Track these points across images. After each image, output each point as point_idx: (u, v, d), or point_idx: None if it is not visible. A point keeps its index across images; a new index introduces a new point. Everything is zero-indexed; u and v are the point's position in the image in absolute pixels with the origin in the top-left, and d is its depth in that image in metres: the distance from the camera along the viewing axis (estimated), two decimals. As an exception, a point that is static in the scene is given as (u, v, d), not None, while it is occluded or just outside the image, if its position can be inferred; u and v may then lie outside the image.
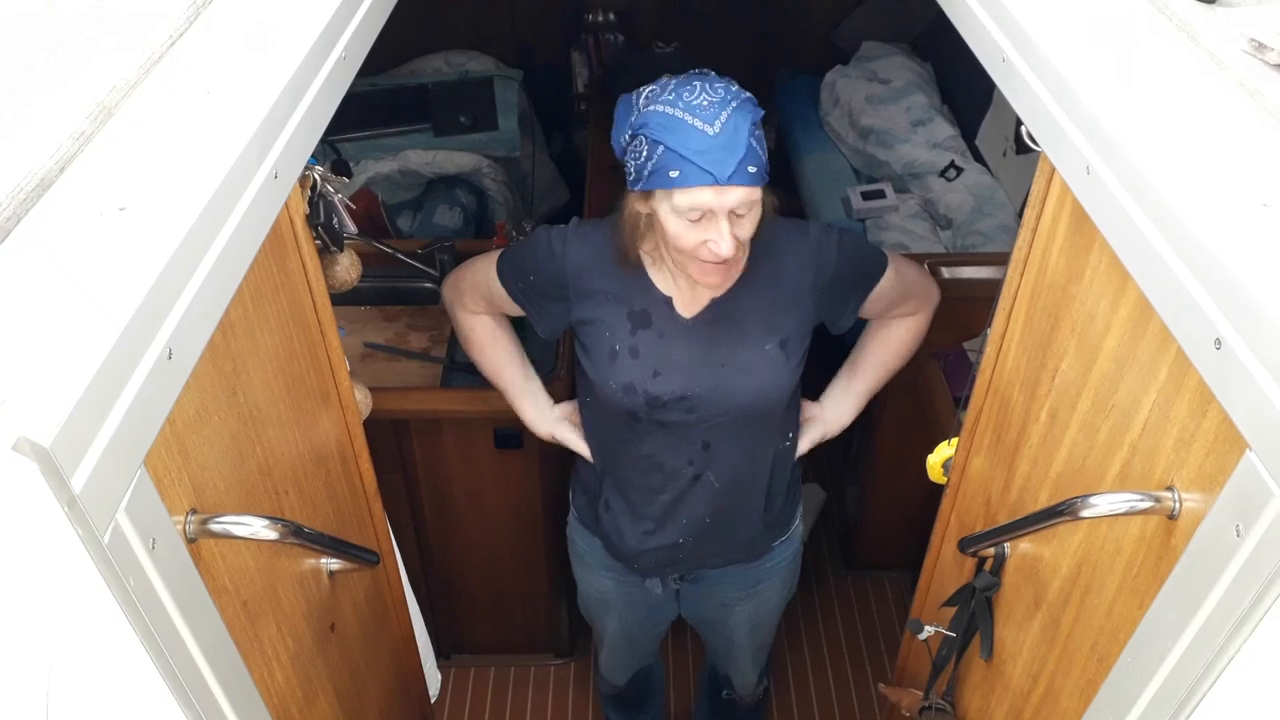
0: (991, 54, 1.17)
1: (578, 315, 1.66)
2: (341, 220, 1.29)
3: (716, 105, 1.39)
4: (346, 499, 1.44)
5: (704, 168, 1.37)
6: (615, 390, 1.64)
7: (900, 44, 3.65)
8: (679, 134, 1.38)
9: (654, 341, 1.62)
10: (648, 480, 1.74)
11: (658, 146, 1.40)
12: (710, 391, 1.63)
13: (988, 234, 2.87)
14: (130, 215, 0.80)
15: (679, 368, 1.62)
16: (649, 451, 1.70)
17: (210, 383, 0.94)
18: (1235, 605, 0.78)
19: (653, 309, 1.62)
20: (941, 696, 1.60)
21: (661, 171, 1.40)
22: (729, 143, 1.37)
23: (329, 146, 3.29)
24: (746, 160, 1.39)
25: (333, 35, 1.13)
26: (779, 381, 1.66)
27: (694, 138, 1.37)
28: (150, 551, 0.77)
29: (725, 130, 1.37)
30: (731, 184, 1.38)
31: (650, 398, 1.63)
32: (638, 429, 1.68)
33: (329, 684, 1.36)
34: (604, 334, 1.64)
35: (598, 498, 1.84)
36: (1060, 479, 1.18)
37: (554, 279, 1.65)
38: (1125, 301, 0.99)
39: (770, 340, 1.63)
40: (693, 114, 1.38)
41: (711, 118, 1.38)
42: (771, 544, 1.90)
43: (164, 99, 0.96)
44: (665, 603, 2.01)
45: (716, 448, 1.69)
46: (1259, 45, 0.96)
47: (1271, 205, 0.80)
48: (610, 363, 1.64)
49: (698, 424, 1.66)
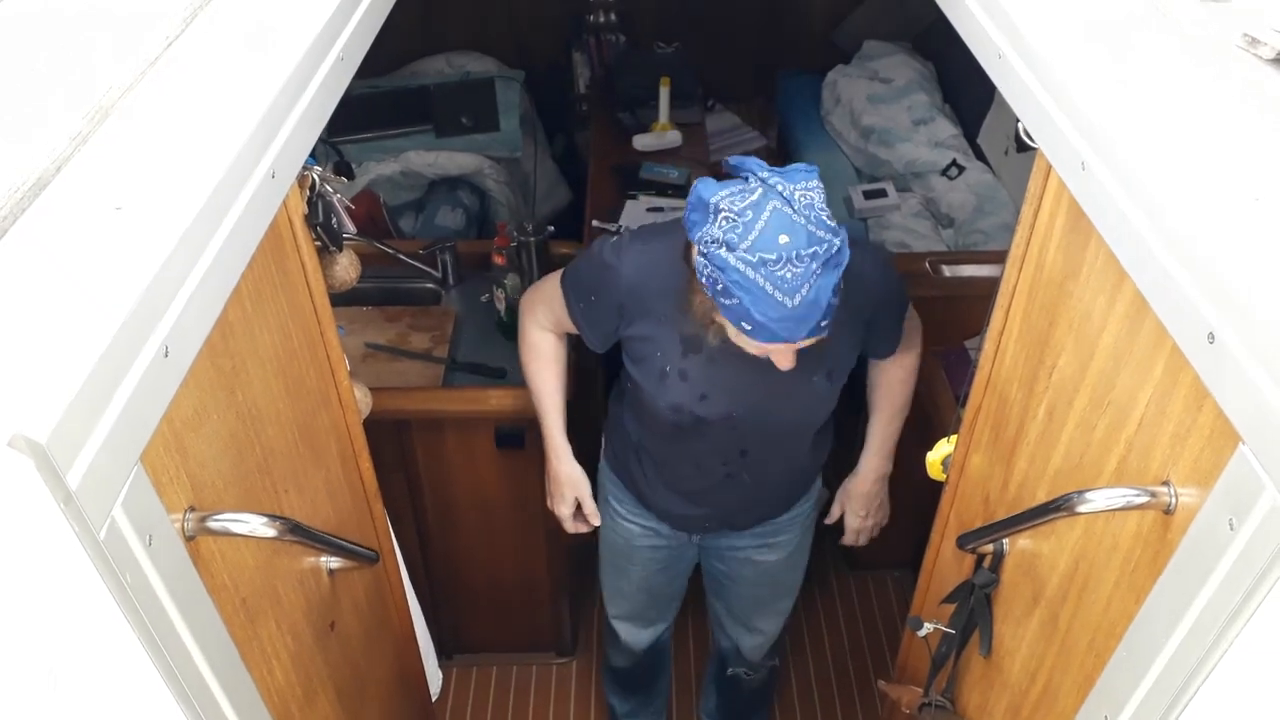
0: (987, 51, 1.18)
1: (631, 331, 1.67)
2: (340, 220, 1.29)
3: (799, 278, 1.33)
4: (346, 498, 1.45)
5: (777, 333, 1.37)
6: (663, 409, 1.69)
7: (901, 43, 3.65)
8: (758, 300, 1.34)
9: (703, 366, 1.64)
10: (681, 471, 1.84)
11: (733, 295, 1.36)
12: (752, 414, 1.69)
13: (989, 232, 2.87)
14: (127, 215, 0.80)
15: (725, 391, 1.66)
16: (688, 452, 1.79)
17: (209, 381, 0.94)
18: (1229, 599, 0.78)
19: (705, 335, 1.58)
20: (941, 693, 1.60)
21: (733, 313, 1.39)
22: (807, 314, 1.35)
23: (331, 148, 3.30)
24: (821, 319, 1.38)
25: (331, 35, 1.14)
26: (821, 409, 1.75)
27: (772, 308, 1.34)
28: (147, 548, 0.77)
29: (804, 303, 1.34)
30: (802, 339, 1.40)
31: (696, 418, 1.69)
32: (679, 435, 1.75)
33: (329, 682, 1.37)
34: (655, 354, 1.66)
35: (631, 462, 1.91)
36: (1058, 475, 1.18)
37: (611, 298, 1.65)
38: (1121, 298, 0.99)
39: (819, 371, 1.66)
40: (774, 285, 1.33)
41: (792, 291, 1.33)
42: (793, 503, 1.99)
43: (161, 99, 0.96)
44: (686, 550, 2.08)
45: (753, 455, 1.78)
46: (1252, 40, 0.97)
47: (1263, 200, 0.80)
48: (660, 383, 1.67)
49: (738, 435, 1.74)
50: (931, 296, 2.47)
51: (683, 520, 1.96)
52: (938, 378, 2.38)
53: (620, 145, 3.28)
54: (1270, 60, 0.96)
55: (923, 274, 2.52)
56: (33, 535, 0.65)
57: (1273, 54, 0.96)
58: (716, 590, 2.23)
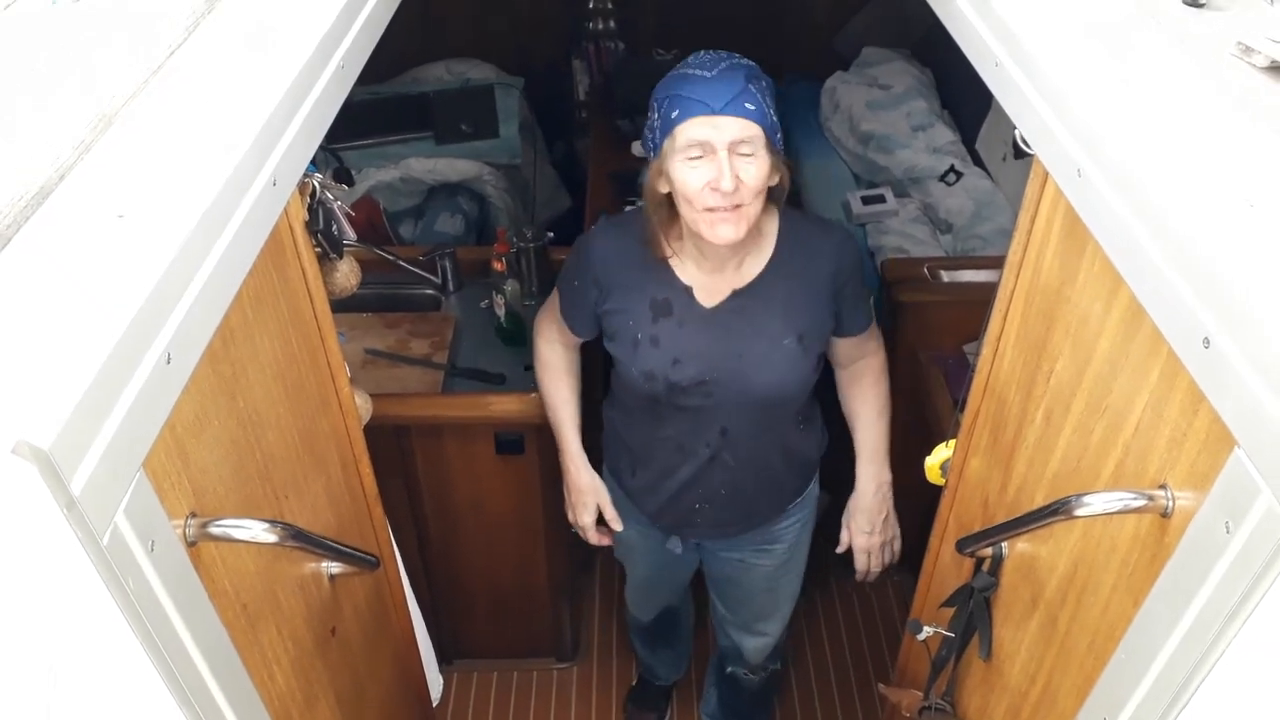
0: (984, 58, 1.18)
1: (606, 306, 1.74)
2: (341, 227, 1.30)
3: (714, 60, 1.53)
4: (347, 503, 1.45)
5: (699, 100, 1.49)
6: (637, 376, 1.72)
7: (900, 49, 3.66)
8: (680, 83, 1.53)
9: (674, 330, 1.69)
10: (669, 459, 1.84)
11: (664, 102, 1.53)
12: (728, 379, 1.70)
13: (988, 238, 2.88)
14: (129, 222, 0.81)
15: (697, 356, 1.69)
16: (670, 434, 1.80)
17: (210, 387, 0.95)
18: (1226, 601, 0.78)
19: (674, 298, 1.70)
20: (941, 697, 1.60)
21: (667, 118, 1.52)
22: (725, 82, 1.49)
23: (331, 155, 3.31)
24: (742, 97, 1.49)
25: (331, 44, 1.15)
26: (796, 375, 1.73)
27: (692, 81, 1.51)
28: (150, 554, 0.78)
29: (721, 73, 1.51)
30: (726, 114, 1.48)
31: (670, 384, 1.71)
32: (660, 413, 1.77)
33: (330, 688, 1.37)
34: (628, 322, 1.72)
35: (623, 462, 1.95)
36: (1056, 479, 1.19)
37: (588, 275, 1.75)
38: (1118, 303, 0.99)
39: (789, 334, 1.69)
40: (693, 66, 1.54)
41: (710, 66, 1.52)
42: (787, 506, 1.97)
43: (164, 107, 0.97)
44: (686, 556, 2.08)
45: (733, 433, 1.77)
46: (1246, 49, 0.97)
47: (1258, 206, 0.81)
48: (633, 350, 1.72)
49: (716, 409, 1.74)
50: (930, 302, 2.47)
51: (674, 519, 1.94)
52: (937, 382, 2.39)
53: (619, 152, 3.29)
54: (1264, 69, 0.97)
55: (921, 279, 2.53)
56: (36, 541, 0.66)
57: (1266, 62, 0.96)
58: (719, 592, 2.25)
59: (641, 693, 2.78)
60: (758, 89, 1.52)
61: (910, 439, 2.01)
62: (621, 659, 2.91)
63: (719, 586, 2.22)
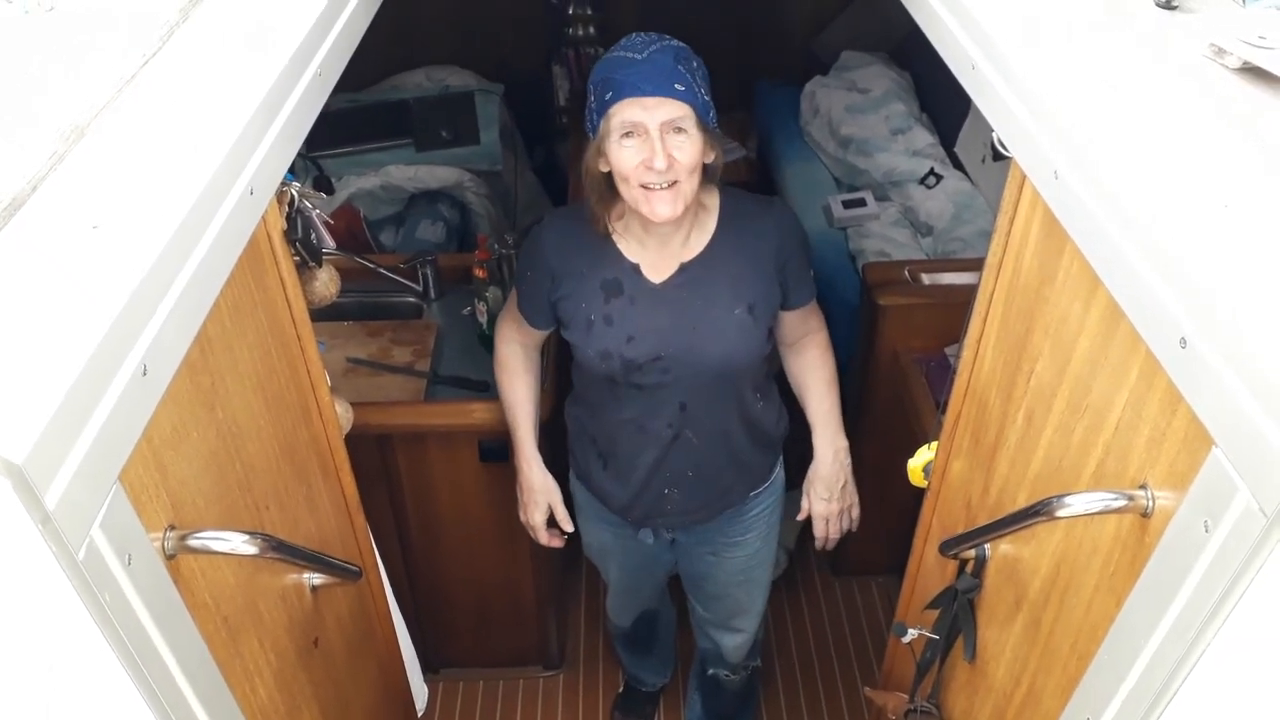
0: (961, 62, 1.19)
1: (560, 293, 1.77)
2: (320, 235, 1.29)
3: (644, 43, 1.58)
4: (329, 513, 1.44)
5: (630, 82, 1.54)
6: (593, 357, 1.74)
7: (879, 53, 3.68)
8: (612, 66, 1.57)
9: (625, 308, 1.72)
10: (632, 442, 1.85)
11: (599, 85, 1.58)
12: (683, 353, 1.73)
13: (968, 240, 2.90)
14: (104, 233, 0.80)
15: (651, 331, 1.72)
16: (631, 416, 1.81)
17: (188, 399, 0.94)
18: (1206, 599, 0.79)
19: (623, 277, 1.73)
20: (927, 699, 1.60)
21: (601, 100, 1.57)
22: (654, 64, 1.55)
23: (311, 162, 3.29)
24: (671, 78, 1.54)
25: (308, 51, 1.14)
26: (749, 344, 1.76)
27: (623, 65, 1.56)
28: (126, 568, 0.77)
29: (651, 56, 1.55)
30: (656, 96, 1.53)
31: (625, 361, 1.73)
32: (619, 394, 1.79)
33: (313, 699, 1.36)
34: (580, 305, 1.74)
35: (590, 458, 1.95)
36: (1038, 480, 1.19)
37: (541, 265, 1.77)
38: (1096, 303, 1.00)
39: (739, 305, 1.73)
40: (625, 49, 1.59)
41: (640, 49, 1.57)
42: (751, 492, 1.99)
43: (139, 117, 0.96)
44: (660, 553, 2.11)
45: (692, 408, 1.79)
46: (1219, 50, 0.98)
47: (1233, 206, 0.81)
48: (586, 332, 1.74)
49: (673, 385, 1.76)
50: (911, 304, 2.48)
51: (644, 509, 1.94)
52: (918, 385, 2.40)
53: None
54: (1236, 70, 0.98)
55: (902, 282, 2.54)
56: (10, 556, 0.65)
57: (1238, 63, 0.97)
58: (694, 591, 2.27)
59: (628, 700, 2.78)
60: (687, 69, 1.56)
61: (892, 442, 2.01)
62: (608, 666, 2.90)
63: (694, 585, 2.24)
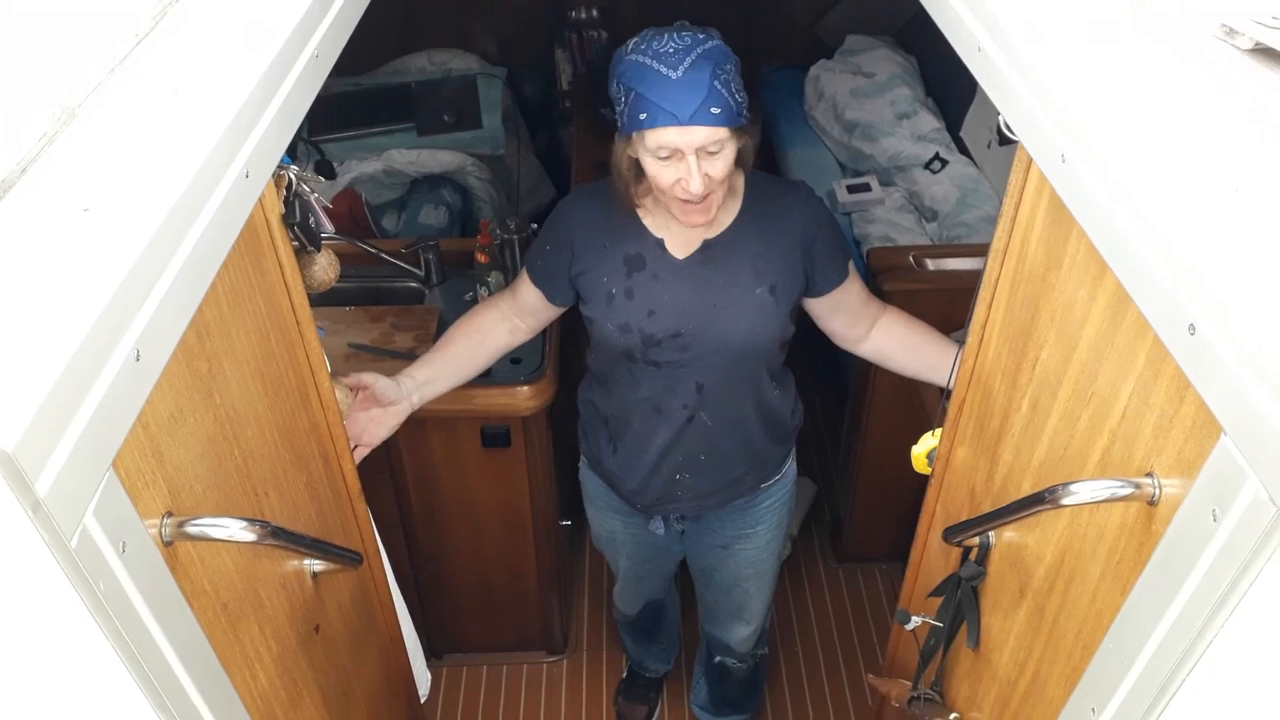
0: (967, 44, 1.17)
1: (579, 268, 1.76)
2: (318, 220, 1.28)
3: (681, 52, 1.50)
4: (329, 500, 1.44)
5: (667, 109, 1.49)
6: (613, 331, 1.74)
7: (884, 37, 3.65)
8: (647, 80, 1.50)
9: (648, 282, 1.72)
10: (646, 424, 1.85)
11: (631, 92, 1.53)
12: (703, 330, 1.72)
13: (973, 225, 2.88)
14: (95, 216, 0.79)
15: (672, 307, 1.71)
16: (646, 395, 1.81)
17: (185, 384, 0.93)
18: (1213, 589, 0.78)
19: (646, 251, 1.73)
20: (930, 686, 1.60)
21: (635, 116, 1.53)
22: (691, 86, 1.49)
23: (313, 147, 3.28)
24: (709, 102, 1.49)
25: (305, 32, 1.13)
26: (769, 325, 1.74)
27: (659, 83, 1.50)
28: (121, 555, 0.76)
29: (687, 75, 1.49)
30: (693, 124, 1.50)
31: (645, 336, 1.72)
32: (635, 372, 1.78)
33: (315, 685, 1.36)
34: (601, 279, 1.74)
35: (602, 442, 1.95)
36: (1042, 467, 1.18)
37: (563, 238, 1.77)
38: (1103, 289, 0.98)
39: (760, 285, 1.72)
40: (659, 61, 1.50)
41: (675, 63, 1.49)
42: (762, 484, 1.99)
43: (130, 99, 0.95)
44: (670, 543, 2.11)
45: (709, 389, 1.78)
46: (1230, 30, 0.96)
47: (1243, 190, 0.80)
48: (607, 305, 1.74)
49: (691, 363, 1.75)
50: (915, 290, 2.47)
51: (655, 495, 1.93)
52: (923, 371, 2.38)
53: (603, 142, 3.25)
54: (1248, 50, 0.96)
55: (906, 268, 2.52)
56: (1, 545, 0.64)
57: (1250, 44, 0.96)
58: (703, 583, 2.27)
59: (631, 685, 2.78)
60: (723, 80, 1.52)
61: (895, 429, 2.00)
62: (611, 652, 2.90)
63: (703, 577, 2.24)
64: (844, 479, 3.04)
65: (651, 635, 2.63)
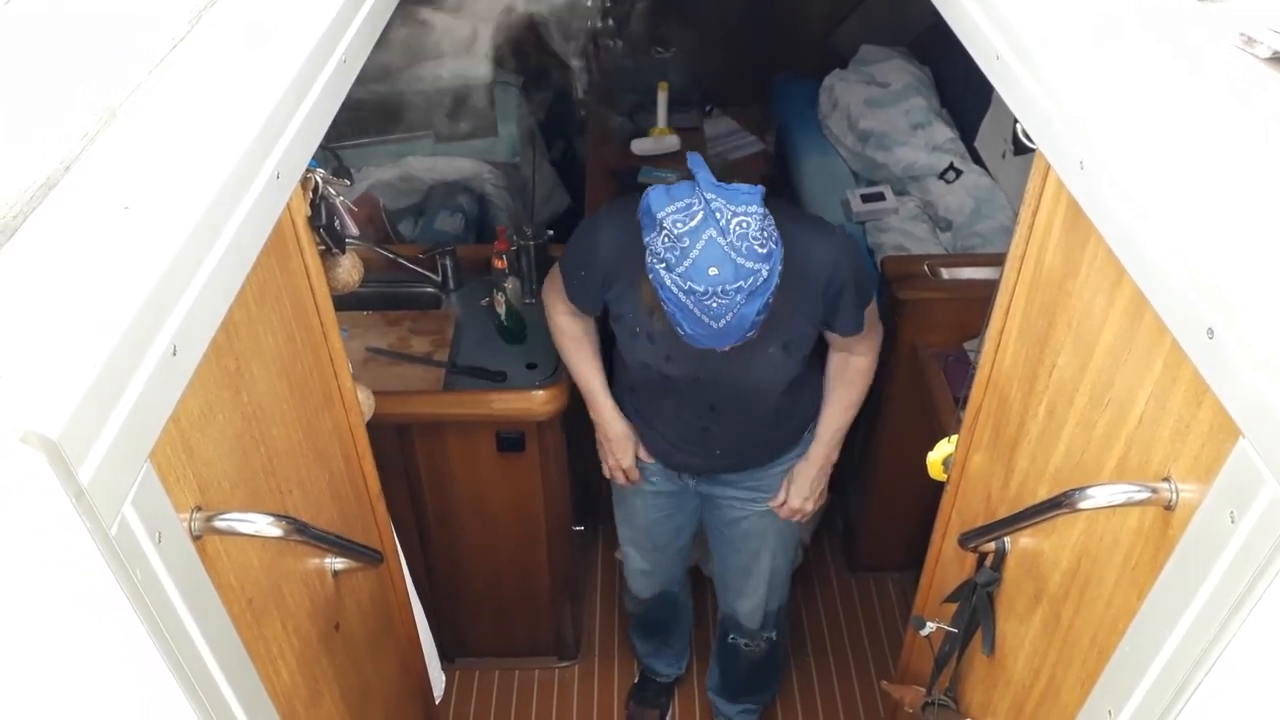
0: (985, 52, 1.18)
1: (610, 294, 1.86)
2: (343, 222, 1.30)
3: (724, 307, 1.53)
4: (350, 499, 1.45)
5: (705, 341, 1.60)
6: (635, 365, 1.88)
7: (898, 47, 3.66)
8: (688, 318, 1.56)
9: (667, 328, 1.74)
10: (662, 419, 2.03)
11: (669, 305, 1.58)
12: (716, 375, 1.84)
13: (987, 235, 2.88)
14: (135, 214, 0.81)
15: (688, 355, 1.78)
16: (667, 403, 1.98)
17: (214, 381, 0.95)
18: (1230, 592, 0.78)
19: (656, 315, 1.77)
20: (944, 692, 1.60)
21: (669, 314, 1.60)
22: (731, 332, 1.57)
23: (330, 153, 3.30)
24: (746, 332, 1.58)
25: (333, 38, 1.15)
26: (779, 377, 1.88)
27: (700, 326, 1.56)
28: (157, 545, 0.78)
29: (729, 325, 1.55)
30: (727, 347, 1.62)
31: (664, 376, 1.86)
32: (654, 384, 1.93)
33: (334, 683, 1.37)
34: (628, 313, 1.83)
35: (626, 401, 2.09)
36: (1059, 473, 1.19)
37: (595, 268, 1.84)
38: (1120, 295, 0.99)
39: (774, 343, 1.78)
40: (701, 310, 1.53)
41: (718, 317, 1.54)
42: (779, 455, 2.10)
43: (168, 100, 0.97)
44: (685, 499, 2.22)
45: (722, 410, 1.94)
46: (1249, 39, 0.97)
47: (1261, 196, 0.81)
48: (632, 341, 1.86)
49: (705, 392, 1.90)
50: (930, 299, 2.48)
51: (674, 461, 2.09)
52: (937, 379, 2.39)
53: (619, 150, 3.29)
54: (1266, 59, 0.97)
55: (921, 277, 2.53)
56: (45, 531, 0.66)
57: (1269, 53, 0.97)
58: (716, 545, 2.34)
59: (643, 690, 2.79)
60: (761, 312, 1.56)
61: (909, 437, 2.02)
62: (623, 657, 2.91)
63: (715, 533, 2.31)
64: (856, 489, 3.04)
65: (663, 633, 2.64)
